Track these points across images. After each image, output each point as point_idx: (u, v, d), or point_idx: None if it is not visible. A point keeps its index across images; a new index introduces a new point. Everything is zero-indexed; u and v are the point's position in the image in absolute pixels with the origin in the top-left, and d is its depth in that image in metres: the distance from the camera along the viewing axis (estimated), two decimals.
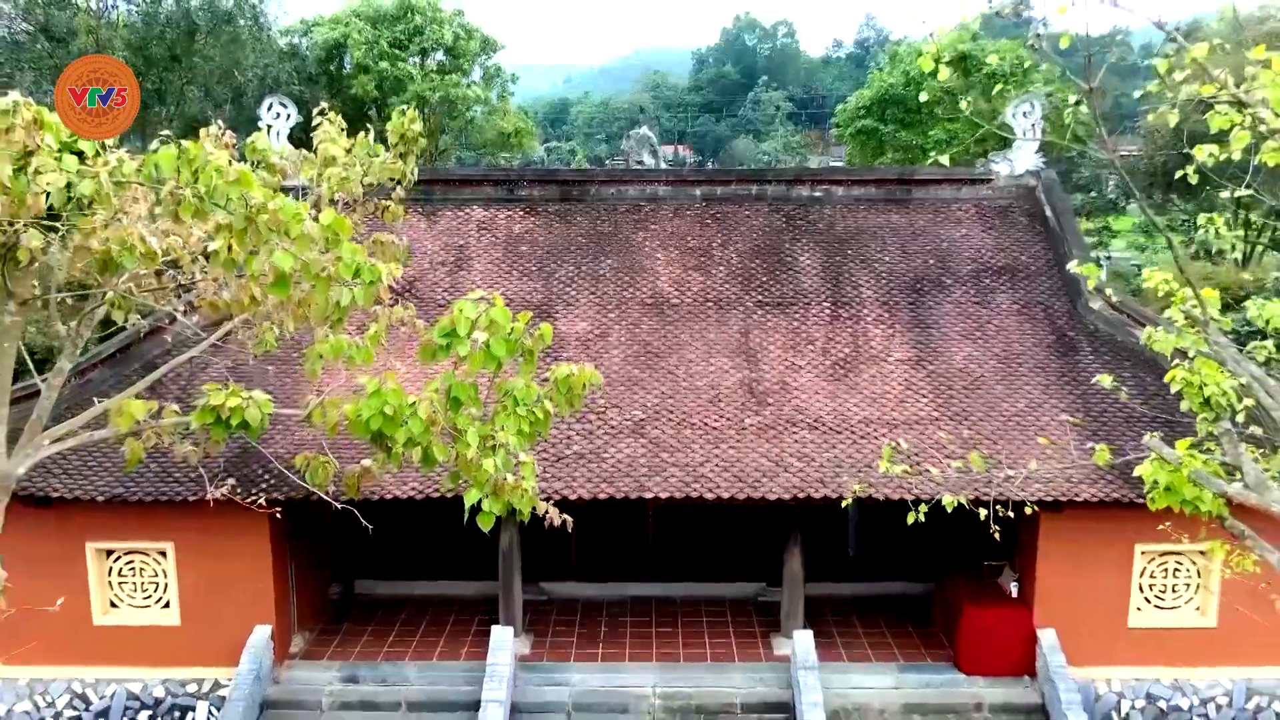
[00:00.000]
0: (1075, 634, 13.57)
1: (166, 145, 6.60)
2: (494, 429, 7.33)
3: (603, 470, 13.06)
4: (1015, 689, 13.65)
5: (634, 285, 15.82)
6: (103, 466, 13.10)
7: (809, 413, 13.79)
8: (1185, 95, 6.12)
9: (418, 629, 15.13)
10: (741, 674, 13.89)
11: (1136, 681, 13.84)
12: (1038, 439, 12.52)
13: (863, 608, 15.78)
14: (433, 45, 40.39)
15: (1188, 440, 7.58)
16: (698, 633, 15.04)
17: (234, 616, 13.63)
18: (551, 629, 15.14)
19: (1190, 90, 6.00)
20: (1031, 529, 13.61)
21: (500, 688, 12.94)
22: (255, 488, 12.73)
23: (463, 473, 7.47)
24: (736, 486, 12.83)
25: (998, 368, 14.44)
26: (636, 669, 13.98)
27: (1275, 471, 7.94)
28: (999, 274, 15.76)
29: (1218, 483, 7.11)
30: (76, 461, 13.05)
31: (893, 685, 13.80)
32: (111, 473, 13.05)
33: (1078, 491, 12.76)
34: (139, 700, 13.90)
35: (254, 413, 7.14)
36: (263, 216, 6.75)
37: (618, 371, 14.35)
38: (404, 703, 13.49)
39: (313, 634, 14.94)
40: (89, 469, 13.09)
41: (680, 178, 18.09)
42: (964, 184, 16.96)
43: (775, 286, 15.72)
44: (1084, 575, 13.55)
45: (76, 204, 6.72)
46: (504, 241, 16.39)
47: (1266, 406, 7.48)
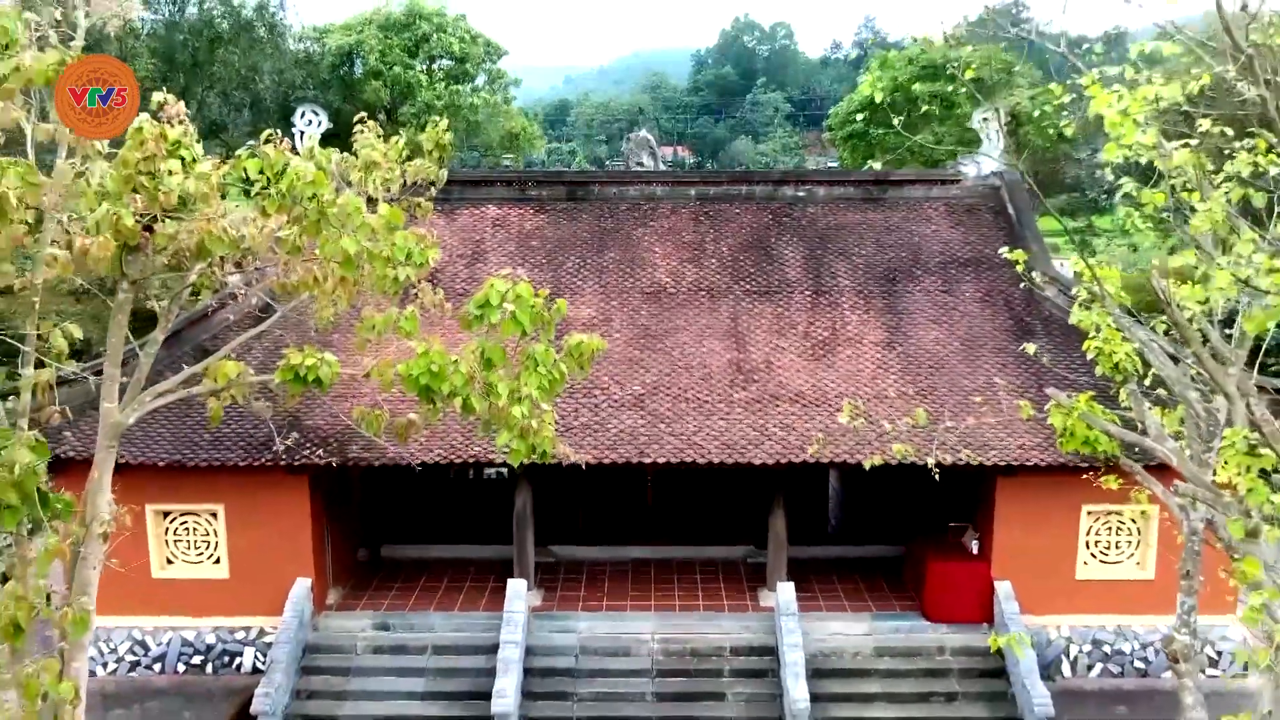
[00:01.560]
0: (1028, 585, 15.19)
1: (253, 153, 8.28)
2: (520, 385, 8.97)
3: (607, 439, 14.70)
4: (974, 634, 15.28)
5: (634, 276, 17.46)
6: (162, 436, 14.74)
7: (790, 388, 15.43)
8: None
9: (440, 586, 16.78)
10: (731, 621, 15.54)
11: (1084, 628, 15.49)
12: (991, 406, 14.14)
13: (841, 568, 17.41)
14: (440, 52, 42.07)
15: (1088, 394, 9.22)
16: (692, 588, 16.69)
17: (277, 571, 15.26)
18: (560, 585, 16.79)
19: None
20: (989, 493, 15.28)
21: (516, 632, 14.58)
22: (298, 455, 14.43)
23: (494, 420, 9.08)
24: (726, 453, 14.48)
25: (960, 349, 16.08)
26: (637, 617, 15.63)
27: (1172, 425, 9.56)
28: (964, 266, 17.39)
29: (1103, 423, 8.75)
30: (139, 432, 14.67)
31: (865, 632, 15.45)
32: (170, 441, 14.70)
33: (1029, 457, 14.41)
34: (192, 646, 15.55)
35: (326, 370, 8.77)
36: (331, 210, 8.45)
37: (620, 352, 15.97)
38: (430, 646, 15.14)
39: (345, 590, 16.59)
40: (150, 438, 14.73)
41: (676, 178, 19.73)
42: (934, 184, 18.61)
43: (762, 277, 17.36)
44: (1036, 533, 15.17)
45: (181, 201, 8.37)
46: (516, 237, 18.03)
47: (1155, 367, 9.12)
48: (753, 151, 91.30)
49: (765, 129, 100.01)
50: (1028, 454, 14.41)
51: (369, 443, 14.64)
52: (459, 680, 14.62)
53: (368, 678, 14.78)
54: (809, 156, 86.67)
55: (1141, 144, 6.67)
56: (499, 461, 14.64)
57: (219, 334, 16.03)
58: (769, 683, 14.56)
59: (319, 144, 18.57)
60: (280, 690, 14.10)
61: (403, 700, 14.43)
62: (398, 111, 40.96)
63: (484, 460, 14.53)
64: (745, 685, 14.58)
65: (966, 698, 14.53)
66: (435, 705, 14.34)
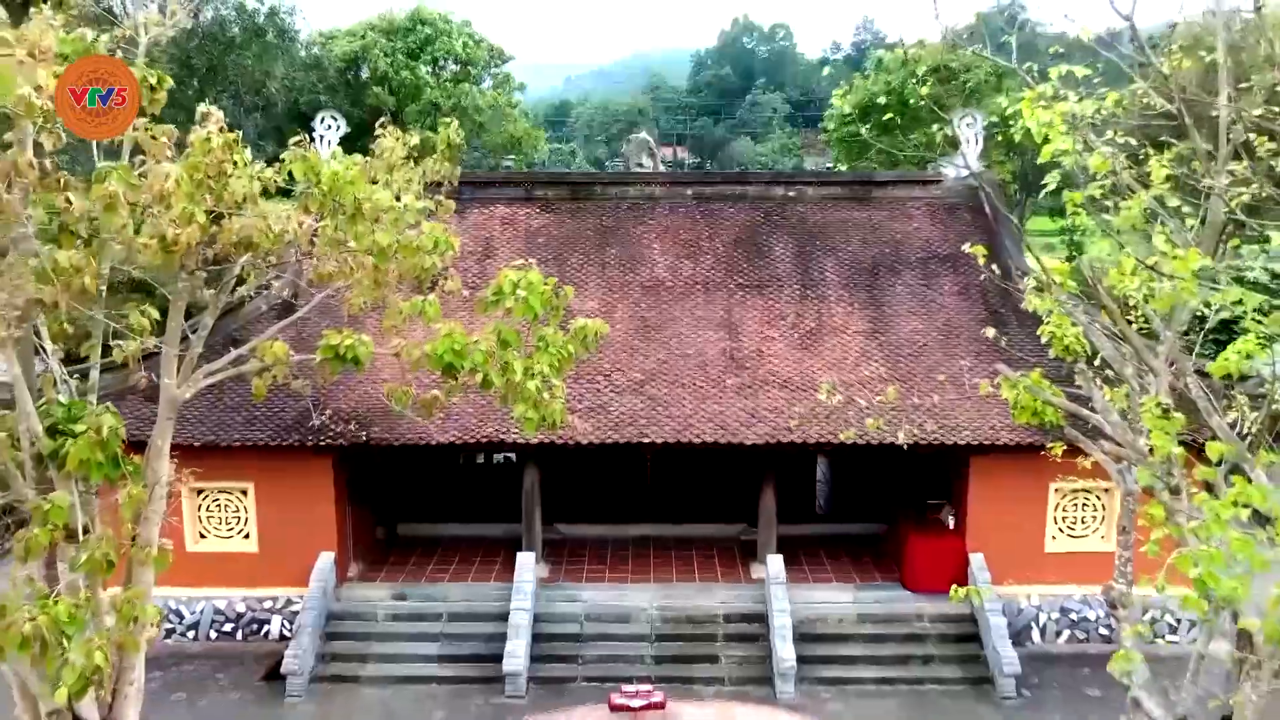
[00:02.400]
0: (1000, 558, 16.34)
1: (303, 157, 9.43)
2: (533, 362, 10.13)
3: (609, 421, 15.87)
4: (950, 604, 16.42)
5: (634, 271, 18.62)
6: (197, 418, 15.90)
7: (779, 375, 16.60)
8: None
9: (453, 561, 17.95)
10: (724, 591, 16.72)
11: (1052, 597, 16.66)
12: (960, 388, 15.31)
13: (828, 545, 18.57)
14: (443, 55, 43.23)
15: (1038, 371, 10.38)
16: (688, 563, 17.87)
17: (303, 545, 16.42)
18: (566, 560, 17.96)
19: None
20: (964, 472, 16.44)
21: (526, 599, 15.75)
22: (324, 435, 15.60)
23: (510, 394, 10.23)
24: (719, 434, 15.65)
25: (938, 338, 17.24)
26: (637, 589, 16.81)
27: (1119, 400, 10.72)
28: (943, 261, 18.54)
29: (1046, 394, 9.91)
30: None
31: (850, 600, 16.61)
32: (205, 424, 15.87)
33: (999, 437, 15.58)
34: (223, 615, 16.73)
35: (363, 349, 9.91)
36: (367, 206, 9.63)
37: (621, 342, 17.13)
38: (445, 614, 16.31)
39: (365, 564, 17.75)
40: (185, 420, 15.87)
41: (674, 179, 20.92)
42: (917, 185, 19.78)
43: (754, 272, 18.52)
44: (1007, 509, 16.33)
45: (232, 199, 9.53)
46: (524, 234, 19.20)
47: (1097, 346, 10.29)
48: (752, 152, 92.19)
49: (764, 129, 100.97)
50: (998, 434, 15.58)
51: (390, 424, 15.84)
52: (472, 644, 15.79)
53: (387, 643, 15.96)
54: (808, 157, 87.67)
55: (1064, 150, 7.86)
56: (510, 442, 15.79)
57: (248, 324, 17.18)
58: (759, 646, 15.73)
59: (339, 146, 19.73)
60: (307, 653, 15.27)
61: (420, 663, 15.59)
62: (404, 112, 42.10)
63: (496, 440, 15.70)
64: (737, 648, 15.75)
65: (942, 660, 15.70)
66: (450, 667, 15.50)
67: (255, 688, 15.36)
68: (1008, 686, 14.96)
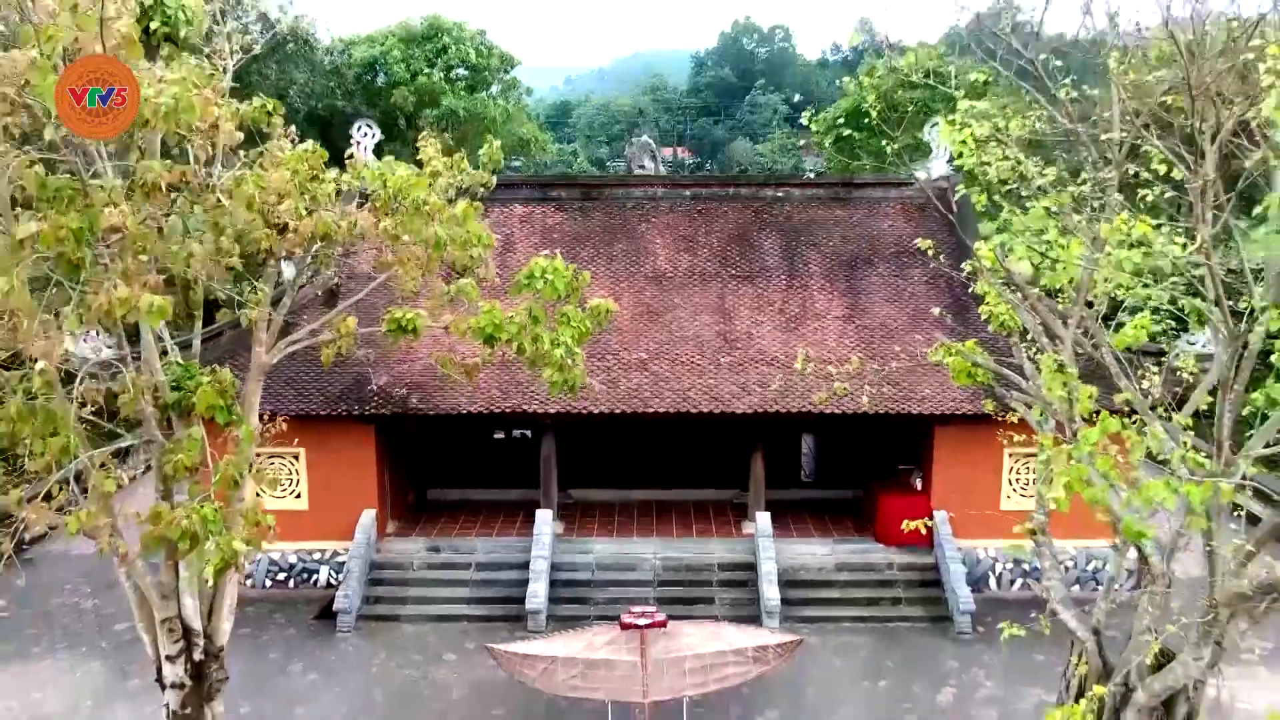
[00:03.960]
0: (961, 515, 18.58)
1: (382, 165, 11.69)
2: (557, 334, 12.38)
3: (617, 394, 18.12)
4: (917, 555, 18.70)
5: (639, 263, 20.87)
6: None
7: (767, 354, 18.84)
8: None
9: (478, 520, 20.24)
10: (719, 545, 18.99)
11: (1007, 550, 18.88)
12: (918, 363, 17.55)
13: (812, 507, 20.84)
14: (457, 62, 45.47)
15: (973, 340, 12.63)
16: (687, 521, 20.14)
17: (347, 504, 18.68)
18: (578, 520, 20.23)
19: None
20: (929, 439, 18.68)
21: (544, 549, 18.02)
22: (368, 406, 17.86)
23: (538, 360, 12.47)
24: (714, 404, 17.90)
25: (908, 322, 19.48)
26: (642, 542, 19.08)
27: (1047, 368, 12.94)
28: (914, 255, 20.71)
29: (973, 356, 12.14)
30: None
31: (828, 552, 18.88)
32: (263, 397, 18.08)
33: (960, 407, 17.81)
34: (277, 565, 19.00)
35: (421, 321, 12.17)
36: (425, 207, 11.89)
37: (627, 326, 19.37)
38: (474, 563, 18.59)
39: (400, 522, 20.03)
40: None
41: (674, 182, 23.20)
42: (892, 186, 22.02)
43: (745, 264, 20.78)
44: (967, 471, 18.57)
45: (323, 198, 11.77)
46: (540, 231, 21.45)
47: (1023, 321, 12.55)
48: (751, 152, 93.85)
49: (764, 130, 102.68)
50: (959, 405, 17.82)
51: (426, 396, 18.09)
52: (497, 589, 18.06)
53: (423, 587, 18.23)
54: (806, 157, 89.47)
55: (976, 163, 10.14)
56: (530, 411, 18.02)
57: (300, 308, 19.42)
58: (749, 590, 17.99)
59: (374, 151, 22.03)
60: (354, 595, 17.54)
61: (452, 604, 17.87)
62: (419, 117, 44.33)
63: (518, 411, 17.95)
64: (730, 592, 18.01)
65: (908, 601, 17.96)
66: (479, 608, 17.78)
67: (309, 626, 17.65)
68: (964, 623, 17.22)
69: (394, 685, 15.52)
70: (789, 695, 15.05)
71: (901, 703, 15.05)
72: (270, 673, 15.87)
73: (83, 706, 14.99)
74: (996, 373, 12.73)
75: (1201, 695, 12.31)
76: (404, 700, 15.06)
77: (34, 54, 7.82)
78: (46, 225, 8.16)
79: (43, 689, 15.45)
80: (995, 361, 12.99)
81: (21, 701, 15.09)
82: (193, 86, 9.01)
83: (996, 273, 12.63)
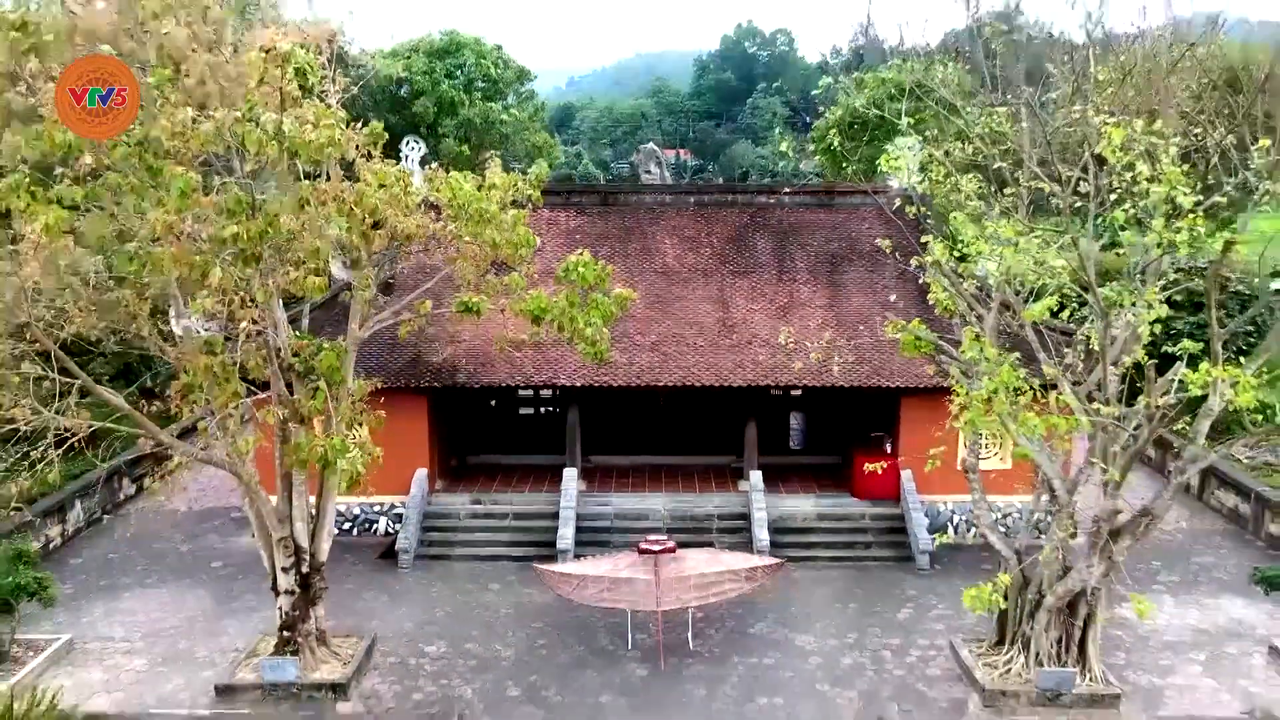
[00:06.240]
0: (924, 474, 21.80)
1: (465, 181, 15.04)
2: (589, 315, 15.71)
3: (631, 370, 21.46)
4: (886, 507, 22.04)
5: (650, 260, 24.19)
6: None
7: (760, 337, 22.17)
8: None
9: (512, 480, 23.61)
10: (718, 498, 22.37)
11: (963, 504, 22.19)
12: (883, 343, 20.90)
13: (799, 472, 24.17)
14: (475, 75, 48.81)
15: (919, 319, 15.96)
16: (691, 481, 23.49)
17: (402, 463, 21.95)
18: (598, 479, 23.58)
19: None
20: (897, 409, 21.99)
21: (571, 500, 21.38)
22: (421, 379, 21.21)
23: (574, 336, 15.78)
24: (714, 379, 21.23)
25: (879, 310, 22.78)
26: (652, 497, 22.45)
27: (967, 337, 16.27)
28: (886, 253, 24.05)
29: (916, 330, 15.48)
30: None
31: (811, 506, 22.22)
32: None
33: (922, 381, 21.12)
34: (342, 515, 22.36)
35: (484, 305, 15.52)
36: (485, 214, 15.25)
37: (640, 314, 22.69)
38: (511, 513, 21.95)
39: (446, 481, 23.40)
40: None
41: (680, 189, 26.54)
42: (869, 194, 25.31)
43: (741, 261, 24.11)
44: (930, 437, 21.75)
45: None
46: (564, 233, 24.80)
47: (958, 304, 15.90)
48: (753, 154, 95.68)
49: (765, 132, 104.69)
50: (922, 380, 21.12)
51: (470, 374, 21.42)
52: (531, 534, 21.43)
53: (469, 533, 21.60)
54: (806, 159, 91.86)
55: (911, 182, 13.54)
56: (559, 384, 21.34)
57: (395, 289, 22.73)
58: (743, 535, 21.33)
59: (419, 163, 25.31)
60: (412, 537, 20.92)
61: (494, 546, 21.25)
62: (440, 125, 47.68)
63: (550, 384, 21.28)
64: (727, 536, 21.35)
65: (878, 544, 21.32)
66: (517, 549, 21.15)
67: (374, 563, 21.03)
68: (923, 561, 20.57)
69: (451, 606, 18.88)
70: (776, 612, 18.40)
71: (867, 618, 18.39)
72: (349, 597, 19.22)
73: (197, 622, 18.34)
74: (936, 344, 16.16)
75: (1099, 601, 15.83)
76: (460, 617, 18.42)
77: (238, 113, 11.24)
78: (239, 228, 11.56)
79: (163, 609, 18.82)
80: (939, 338, 16.44)
81: (147, 618, 18.45)
82: (330, 127, 12.41)
83: (937, 266, 16.06)
